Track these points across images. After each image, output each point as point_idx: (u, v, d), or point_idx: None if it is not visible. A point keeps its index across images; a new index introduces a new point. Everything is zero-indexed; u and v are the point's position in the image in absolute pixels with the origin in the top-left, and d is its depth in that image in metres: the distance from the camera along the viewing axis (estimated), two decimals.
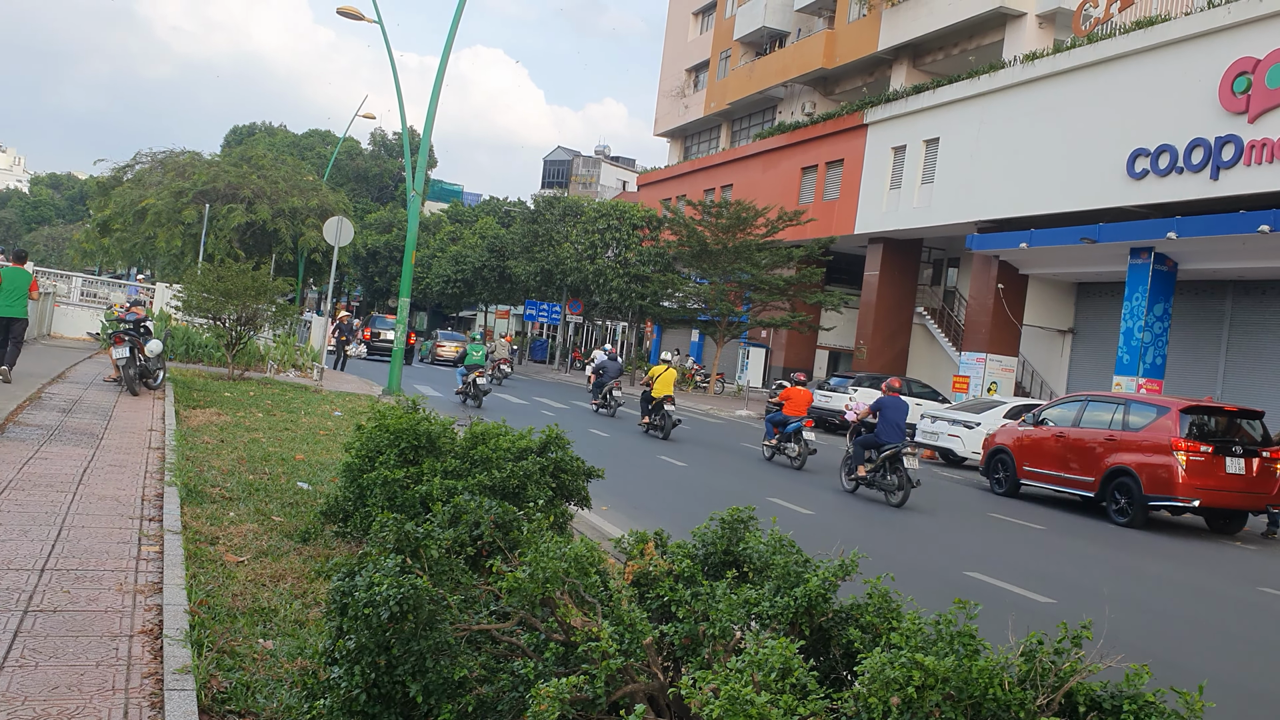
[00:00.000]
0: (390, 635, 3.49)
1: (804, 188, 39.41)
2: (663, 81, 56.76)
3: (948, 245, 36.01)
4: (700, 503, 12.46)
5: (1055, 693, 3.08)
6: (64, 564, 5.98)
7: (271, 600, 5.75)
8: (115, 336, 15.89)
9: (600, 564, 3.95)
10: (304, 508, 8.28)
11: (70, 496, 7.79)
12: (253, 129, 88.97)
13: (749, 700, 2.80)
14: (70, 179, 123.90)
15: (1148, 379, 24.46)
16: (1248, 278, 25.31)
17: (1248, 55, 21.83)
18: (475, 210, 71.91)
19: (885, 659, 3.03)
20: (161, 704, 4.09)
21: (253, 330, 20.86)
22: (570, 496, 7.43)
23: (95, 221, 44.15)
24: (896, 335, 36.33)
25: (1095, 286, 30.40)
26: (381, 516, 4.30)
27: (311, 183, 43.95)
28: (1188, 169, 23.06)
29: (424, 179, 23.69)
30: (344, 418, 15.49)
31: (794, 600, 3.80)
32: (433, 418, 7.73)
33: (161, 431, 11.87)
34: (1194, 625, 8.81)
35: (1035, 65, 27.90)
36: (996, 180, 28.82)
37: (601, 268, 44.24)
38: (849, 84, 41.57)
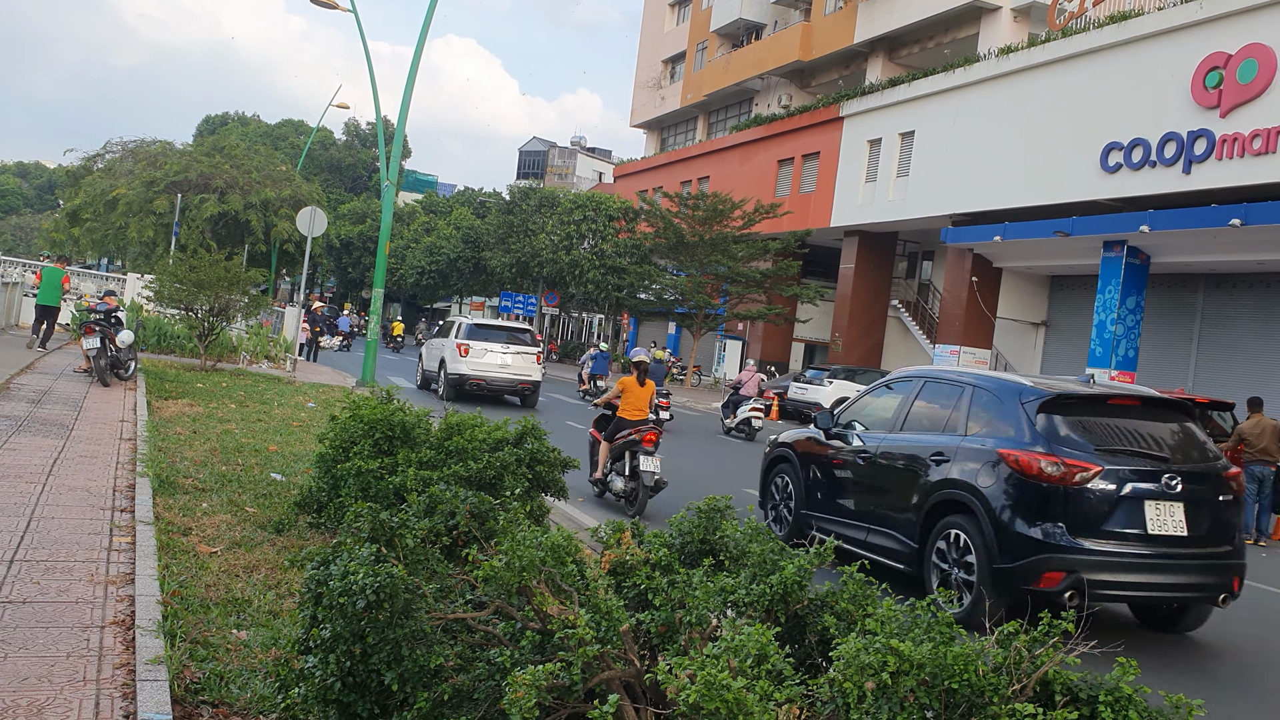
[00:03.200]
0: (365, 624, 3.47)
1: (780, 180, 39.48)
2: (639, 73, 56.69)
3: (923, 238, 36.19)
4: (677, 493, 12.47)
5: (1029, 680, 3.10)
6: (34, 555, 5.92)
7: (245, 591, 5.72)
8: (86, 327, 15.74)
9: (577, 553, 3.94)
10: (277, 499, 8.23)
11: (40, 488, 7.71)
12: (226, 119, 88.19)
13: (725, 685, 2.81)
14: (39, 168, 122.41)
15: (1120, 371, 24.68)
16: (1219, 271, 25.57)
17: (1220, 50, 22.04)
18: (450, 201, 71.62)
19: (860, 645, 3.04)
20: (134, 695, 4.05)
21: (225, 321, 20.72)
22: (546, 487, 7.42)
23: (64, 211, 43.66)
24: (872, 328, 36.49)
25: (1068, 279, 30.63)
26: (356, 506, 4.27)
27: (285, 173, 43.59)
28: (1160, 163, 23.25)
29: (398, 169, 23.54)
30: (317, 409, 15.41)
31: (770, 588, 3.82)
32: (407, 408, 7.70)
33: (133, 422, 11.77)
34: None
35: (1010, 59, 28.05)
36: (971, 173, 28.97)
37: (577, 259, 44.18)
38: (825, 77, 41.68)
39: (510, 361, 22.48)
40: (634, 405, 11.31)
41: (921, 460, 8.33)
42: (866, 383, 28.28)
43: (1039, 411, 7.63)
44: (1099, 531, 7.21)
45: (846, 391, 27.82)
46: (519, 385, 22.67)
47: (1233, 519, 7.76)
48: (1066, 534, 7.17)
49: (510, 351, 22.55)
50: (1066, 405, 7.74)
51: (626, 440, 11.12)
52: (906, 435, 8.75)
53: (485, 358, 22.27)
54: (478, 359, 22.22)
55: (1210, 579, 7.50)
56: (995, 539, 7.34)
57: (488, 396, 22.68)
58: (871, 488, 8.94)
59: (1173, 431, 7.94)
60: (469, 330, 22.80)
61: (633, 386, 11.36)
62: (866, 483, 9.02)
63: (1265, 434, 14.11)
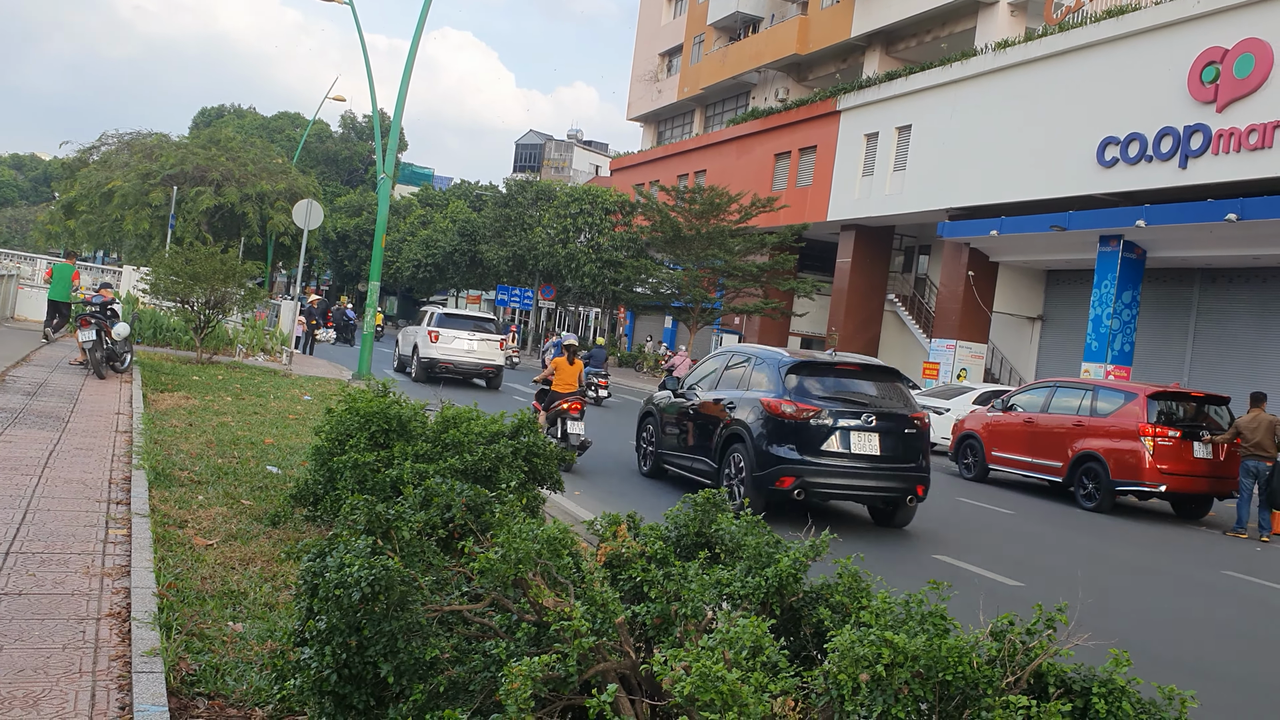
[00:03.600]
0: (361, 616, 3.48)
1: (777, 174, 39.45)
2: (636, 66, 56.60)
3: (919, 232, 36.20)
4: (672, 487, 12.49)
5: (1023, 671, 3.11)
6: (29, 547, 5.91)
7: (241, 583, 5.72)
8: (81, 319, 15.72)
9: (573, 546, 3.94)
10: (273, 491, 8.23)
11: (35, 480, 7.71)
12: (221, 111, 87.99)
13: (720, 677, 2.82)
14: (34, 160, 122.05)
15: (1116, 366, 24.73)
16: (1215, 265, 25.61)
17: (1216, 45, 22.04)
18: (446, 194, 71.51)
19: (855, 637, 3.05)
20: (129, 686, 4.06)
21: (221, 314, 20.69)
22: (542, 480, 7.42)
23: (60, 203, 43.55)
24: (868, 322, 36.51)
25: (1065, 274, 30.66)
26: (352, 499, 4.27)
27: (281, 165, 43.51)
28: (1157, 157, 23.27)
29: (394, 162, 23.50)
30: (313, 402, 15.41)
31: (765, 580, 3.83)
32: (403, 401, 7.70)
33: (129, 415, 11.76)
34: (1159, 608, 8.93)
35: (1007, 53, 28.04)
36: (968, 167, 28.97)
37: (574, 252, 44.13)
38: (822, 70, 41.64)
39: (475, 347, 24.73)
40: (565, 381, 13.72)
41: (721, 408, 11.69)
42: None
43: (788, 373, 10.99)
44: (818, 451, 10.58)
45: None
46: (483, 368, 24.88)
47: (918, 446, 11.01)
48: (796, 452, 10.57)
49: (476, 338, 24.84)
50: (806, 369, 11.09)
51: (558, 409, 13.37)
52: (715, 392, 12.12)
53: (453, 344, 24.53)
54: (447, 344, 24.48)
55: (898, 484, 10.89)
56: (754, 457, 10.71)
57: (457, 380, 24.79)
58: (695, 429, 12.25)
59: (880, 387, 11.29)
60: (439, 319, 25.09)
61: (564, 365, 13.78)
62: (692, 426, 12.31)
63: (1261, 429, 14.12)
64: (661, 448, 13.05)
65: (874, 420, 10.78)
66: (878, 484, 10.87)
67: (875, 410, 10.88)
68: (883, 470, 10.81)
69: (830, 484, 10.68)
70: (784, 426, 10.66)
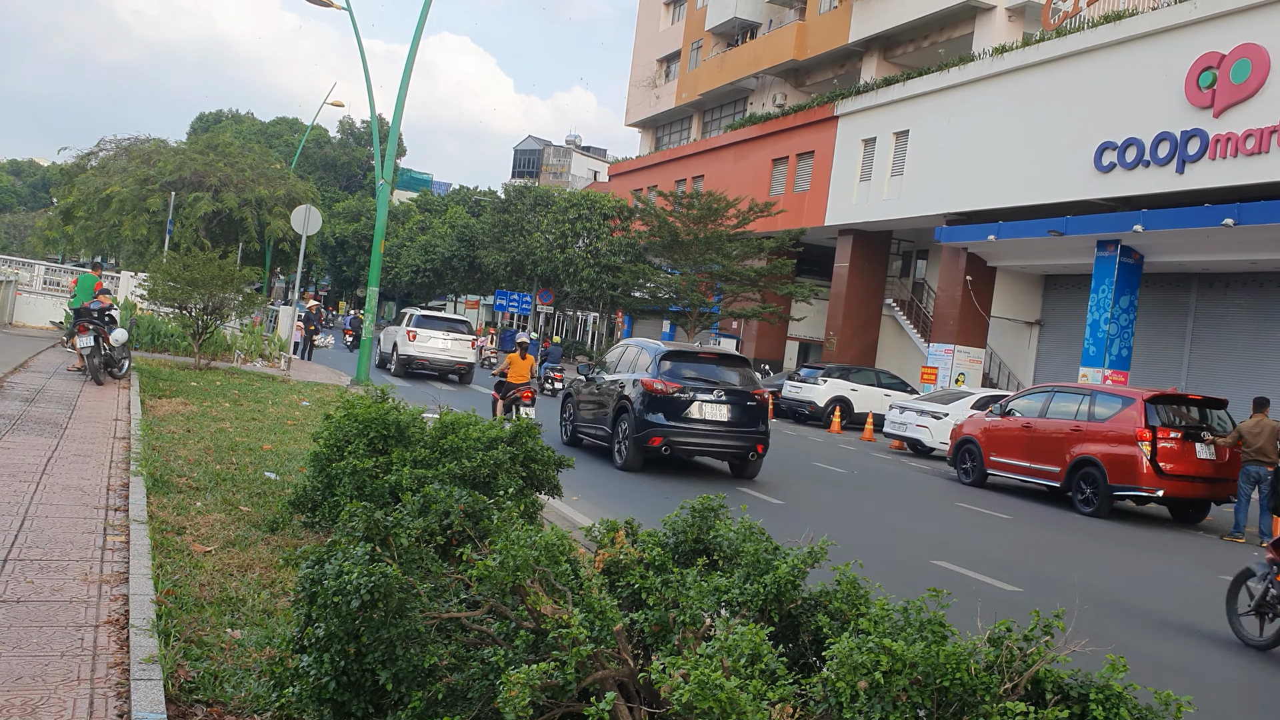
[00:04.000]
0: (360, 623, 3.48)
1: (775, 179, 39.49)
2: (634, 71, 56.67)
3: (917, 237, 36.23)
4: (670, 492, 12.48)
5: (1020, 678, 3.12)
6: (28, 554, 5.91)
7: (239, 590, 5.71)
8: (79, 325, 15.71)
9: (571, 552, 3.95)
10: (272, 497, 8.23)
11: (34, 486, 7.70)
12: (219, 116, 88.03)
13: (719, 685, 2.82)
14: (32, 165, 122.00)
15: (1113, 370, 24.74)
16: (1212, 270, 25.64)
17: (1213, 50, 22.08)
18: (445, 199, 71.54)
19: (853, 644, 3.05)
20: (128, 694, 4.05)
21: (219, 319, 20.68)
22: (541, 486, 7.42)
23: (58, 209, 43.51)
24: (866, 327, 36.52)
25: (1062, 279, 30.69)
26: (350, 505, 4.27)
27: (279, 171, 43.47)
28: (1154, 162, 23.30)
29: (393, 168, 23.54)
30: (312, 407, 15.40)
31: (763, 587, 3.83)
32: (402, 407, 7.70)
33: (127, 421, 11.75)
34: (1156, 613, 8.94)
35: (1004, 58, 28.09)
36: (965, 173, 29.01)
37: (572, 258, 44.15)
38: (820, 76, 41.69)
39: (449, 346, 27.34)
40: (518, 373, 16.29)
41: (616, 387, 14.76)
42: (861, 382, 28.40)
43: (662, 359, 14.36)
44: (680, 418, 13.89)
45: (841, 390, 27.91)
46: (456, 365, 27.48)
47: (759, 415, 14.27)
48: (664, 419, 13.85)
49: (449, 338, 27.42)
50: (676, 356, 14.54)
51: (513, 397, 15.95)
52: (612, 375, 15.29)
53: (429, 342, 27.16)
54: (423, 343, 27.12)
55: (742, 444, 14.14)
56: (634, 423, 13.93)
57: (433, 375, 27.72)
58: (597, 405, 15.34)
59: (731, 371, 14.81)
60: (417, 320, 27.92)
61: (517, 360, 16.40)
62: (595, 402, 15.42)
63: (1264, 434, 14.10)
64: (576, 420, 16.22)
65: (724, 395, 14.18)
66: (726, 443, 14.20)
67: (725, 388, 14.31)
68: (730, 432, 14.14)
69: (690, 442, 14.08)
70: (656, 399, 13.94)
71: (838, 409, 26.94)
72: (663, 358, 14.32)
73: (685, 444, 13.98)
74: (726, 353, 15.78)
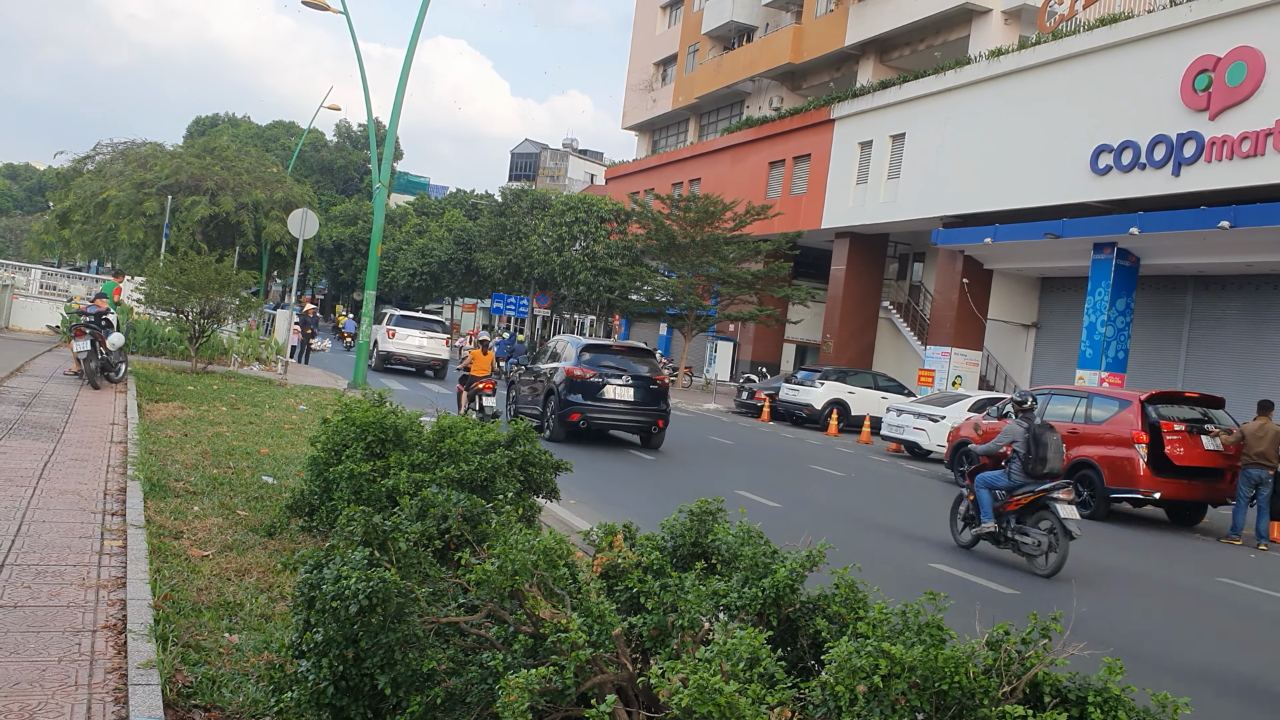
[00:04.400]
0: (358, 628, 3.48)
1: (771, 182, 39.52)
2: (630, 75, 56.71)
3: (914, 240, 36.26)
4: (668, 495, 12.48)
5: (1019, 681, 3.12)
6: (24, 559, 5.90)
7: (237, 594, 5.71)
8: (76, 329, 15.68)
9: (569, 556, 3.95)
10: (269, 502, 8.22)
11: (30, 491, 7.69)
12: (216, 120, 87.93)
13: (717, 689, 2.82)
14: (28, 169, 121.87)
15: (1110, 373, 24.77)
16: (1208, 273, 25.67)
17: (1209, 53, 22.12)
18: (442, 203, 71.51)
19: (852, 648, 3.06)
20: (126, 699, 4.05)
21: (216, 323, 20.66)
22: (538, 489, 7.42)
23: (54, 213, 43.46)
24: (863, 329, 36.55)
25: (1059, 281, 30.72)
26: (348, 510, 4.27)
27: (276, 174, 43.43)
28: (1150, 165, 23.34)
29: (390, 171, 23.57)
30: (309, 411, 15.39)
31: (762, 591, 3.83)
32: (399, 411, 7.70)
33: (124, 425, 11.74)
34: (1155, 615, 8.95)
35: (1001, 61, 28.12)
36: (962, 175, 29.04)
37: (569, 261, 44.16)
38: (816, 79, 41.73)
39: (425, 344, 30.29)
40: (480, 367, 18.39)
41: (547, 374, 17.87)
42: (858, 384, 28.42)
43: (582, 351, 17.46)
44: (595, 397, 16.86)
45: (838, 393, 27.90)
46: (431, 361, 30.22)
47: (659, 395, 17.40)
48: (581, 399, 16.79)
49: (425, 336, 30.40)
50: (593, 349, 17.71)
51: (476, 389, 17.93)
52: (543, 365, 18.63)
53: (407, 340, 30.15)
54: (401, 341, 30.13)
55: (645, 419, 17.29)
56: (558, 402, 16.88)
57: (409, 370, 30.61)
58: (532, 389, 18.52)
59: (638, 360, 17.79)
60: (396, 320, 31.21)
61: (479, 355, 18.54)
62: (531, 387, 18.61)
63: (1267, 438, 14.08)
64: (518, 402, 19.31)
65: (631, 380, 17.28)
66: (633, 418, 17.42)
67: (633, 374, 17.35)
68: (636, 410, 17.34)
69: (603, 418, 17.16)
70: (576, 383, 17.01)
71: (835, 412, 26.94)
72: (583, 350, 17.62)
73: (599, 419, 17.17)
74: (635, 345, 19.06)
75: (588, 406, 16.86)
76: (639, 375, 17.39)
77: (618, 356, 17.78)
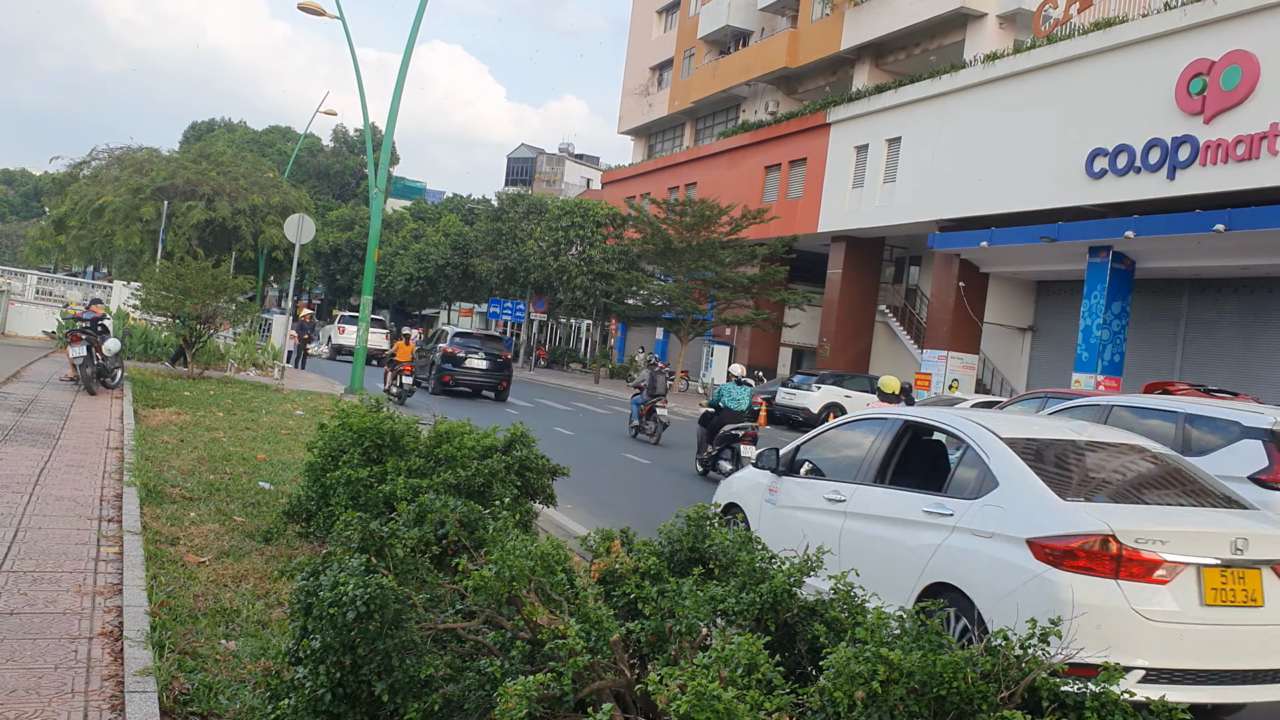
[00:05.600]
0: (355, 634, 3.47)
1: (767, 186, 39.55)
2: (626, 79, 56.75)
3: (909, 244, 36.29)
4: (666, 500, 12.48)
5: (1017, 686, 3.12)
6: (20, 566, 5.89)
7: (234, 601, 5.70)
8: (72, 335, 15.67)
9: (566, 562, 3.94)
10: (266, 508, 8.21)
11: (26, 498, 7.68)
12: (212, 125, 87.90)
13: (715, 695, 2.82)
14: (24, 175, 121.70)
15: (1106, 376, 24.79)
16: (1203, 276, 25.71)
17: (1203, 57, 22.17)
18: (438, 208, 71.51)
19: (850, 653, 3.05)
20: (122, 706, 4.04)
21: (212, 328, 20.64)
22: (535, 494, 7.41)
23: (50, 218, 43.43)
24: (859, 333, 36.57)
25: (1055, 285, 30.76)
26: (346, 515, 4.27)
27: (272, 179, 43.42)
28: (1145, 169, 23.38)
29: (386, 176, 23.63)
30: (306, 417, 15.37)
31: (759, 596, 3.83)
32: (396, 416, 7.69)
33: (120, 431, 11.72)
34: None
35: (996, 65, 28.17)
36: (957, 179, 29.08)
37: (565, 265, 44.15)
38: (812, 83, 41.78)
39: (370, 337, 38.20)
40: (402, 354, 23.23)
41: (431, 351, 27.03)
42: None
43: (454, 337, 26.79)
44: (459, 366, 25.93)
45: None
46: (375, 352, 35.73)
47: (504, 365, 26.53)
48: (453, 369, 25.87)
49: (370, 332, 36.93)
50: (461, 335, 27.08)
51: (398, 369, 22.78)
52: (434, 345, 27.42)
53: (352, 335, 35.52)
54: (349, 336, 38.23)
55: (493, 380, 26.40)
56: (436, 370, 26.01)
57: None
58: (427, 360, 26.84)
59: (493, 344, 27.34)
60: (343, 319, 42.73)
61: (402, 345, 23.59)
62: (426, 359, 27.09)
63: None
64: (416, 372, 25.09)
65: (484, 355, 26.14)
66: (485, 380, 26.25)
67: (486, 352, 26.31)
68: (487, 375, 26.22)
69: (465, 380, 26.05)
70: (448, 357, 25.80)
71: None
72: (454, 336, 26.88)
73: (463, 381, 26.06)
74: (490, 334, 29.72)
75: (456, 372, 25.82)
76: (491, 353, 26.46)
77: (477, 340, 27.05)
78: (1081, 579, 4.87)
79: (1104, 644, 4.54)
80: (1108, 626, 4.75)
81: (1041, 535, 5.07)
